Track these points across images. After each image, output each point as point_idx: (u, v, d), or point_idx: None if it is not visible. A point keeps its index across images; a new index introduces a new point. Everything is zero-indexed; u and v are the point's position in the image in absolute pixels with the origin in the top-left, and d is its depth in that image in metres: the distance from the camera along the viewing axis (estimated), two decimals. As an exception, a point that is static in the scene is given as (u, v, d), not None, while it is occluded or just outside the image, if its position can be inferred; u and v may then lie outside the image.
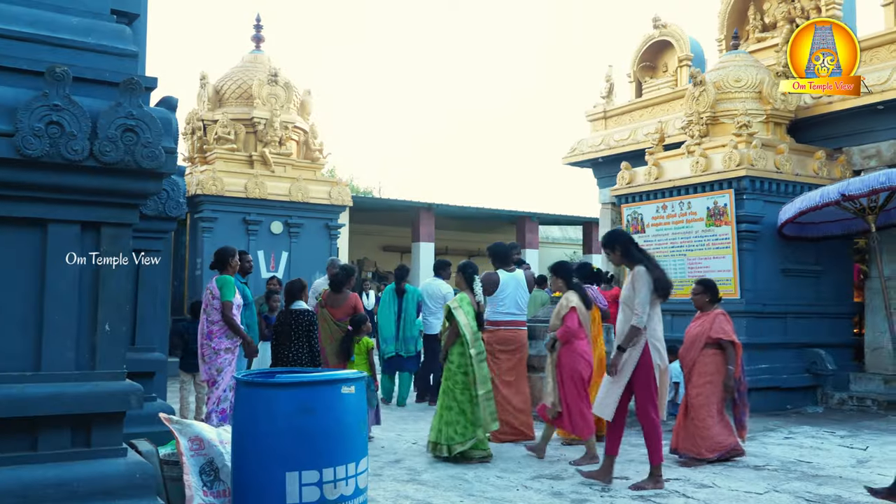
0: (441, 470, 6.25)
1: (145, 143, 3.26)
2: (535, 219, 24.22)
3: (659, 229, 11.01)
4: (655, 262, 6.00)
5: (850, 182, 9.25)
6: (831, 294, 10.73)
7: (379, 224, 23.51)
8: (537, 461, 6.68)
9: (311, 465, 3.72)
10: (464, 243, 25.58)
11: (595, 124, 14.95)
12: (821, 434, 8.27)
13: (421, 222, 21.51)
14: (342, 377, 3.97)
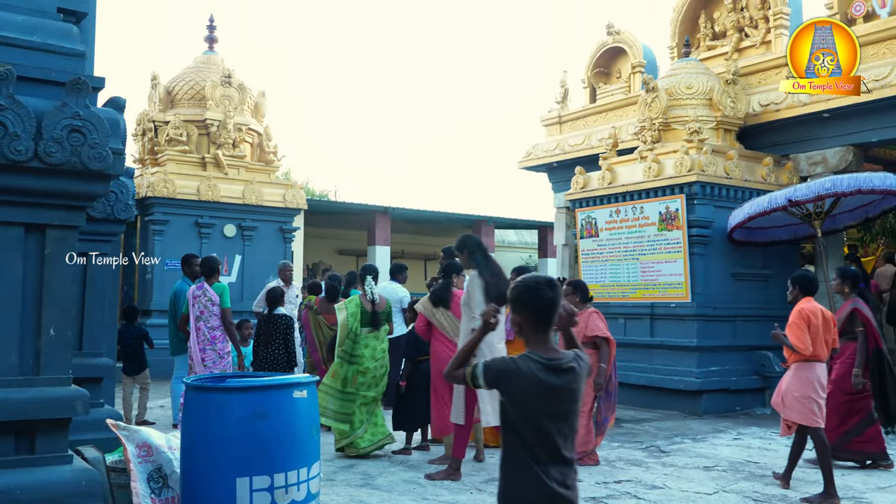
0: (395, 474, 6.24)
1: (92, 143, 3.20)
2: (490, 223, 24.31)
3: (612, 233, 11.14)
4: (493, 269, 6.16)
5: (797, 188, 9.48)
6: (779, 297, 10.88)
7: (334, 227, 23.37)
8: (492, 465, 6.68)
9: (262, 470, 3.68)
10: (420, 247, 25.55)
11: (550, 129, 15.07)
12: (768, 435, 8.43)
13: (377, 226, 21.44)
14: (294, 381, 3.94)
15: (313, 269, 22.63)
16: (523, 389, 2.62)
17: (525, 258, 28.66)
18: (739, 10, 12.24)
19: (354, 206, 21.69)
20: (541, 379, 2.62)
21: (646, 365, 10.60)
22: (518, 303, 2.75)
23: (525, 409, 2.63)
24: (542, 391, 2.62)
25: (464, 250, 6.23)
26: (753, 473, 6.52)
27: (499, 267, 6.25)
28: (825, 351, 5.99)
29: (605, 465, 6.73)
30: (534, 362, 2.63)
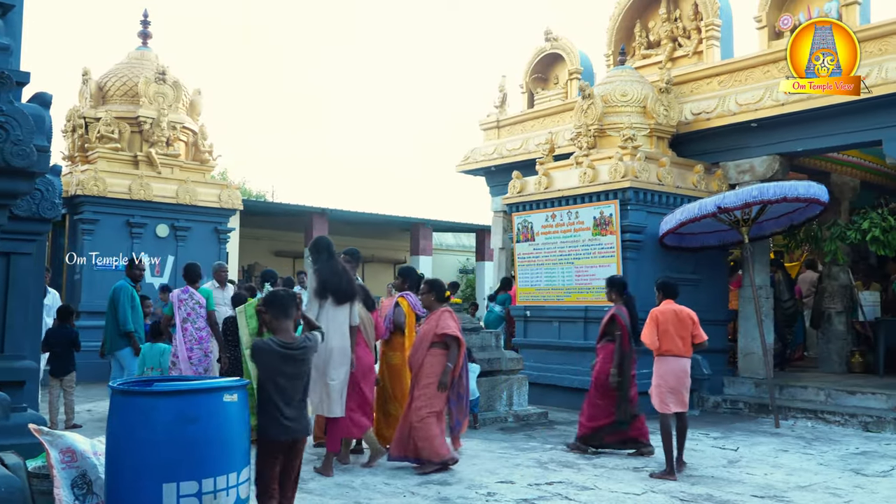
0: (328, 478, 6.20)
1: (15, 140, 3.11)
2: (429, 225, 24.34)
3: (548, 238, 11.27)
4: (333, 268, 6.40)
5: (726, 195, 9.74)
6: (708, 302, 11.21)
7: (271, 229, 23.10)
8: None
9: (189, 475, 3.62)
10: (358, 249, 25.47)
11: (488, 133, 15.18)
12: (696, 436, 8.63)
13: (314, 227, 21.25)
14: (224, 385, 3.89)
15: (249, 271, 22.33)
16: (268, 361, 4.35)
17: (463, 261, 28.81)
18: (673, 20, 12.53)
19: (292, 207, 21.48)
20: (279, 354, 4.34)
21: (579, 367, 10.74)
22: (267, 305, 4.60)
23: (269, 373, 4.34)
24: (279, 362, 4.34)
25: (312, 251, 6.52)
26: (682, 474, 6.66)
27: (343, 267, 6.52)
28: (679, 346, 6.74)
29: (536, 467, 6.81)
30: (276, 344, 4.36)
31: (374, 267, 25.91)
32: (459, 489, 5.94)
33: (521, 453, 7.44)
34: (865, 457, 7.57)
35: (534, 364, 11.04)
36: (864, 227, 10.75)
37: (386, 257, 26.39)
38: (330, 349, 6.21)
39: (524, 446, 7.85)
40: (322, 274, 6.33)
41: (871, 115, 9.79)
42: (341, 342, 6.35)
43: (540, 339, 11.41)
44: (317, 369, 6.04)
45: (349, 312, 6.45)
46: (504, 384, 9.48)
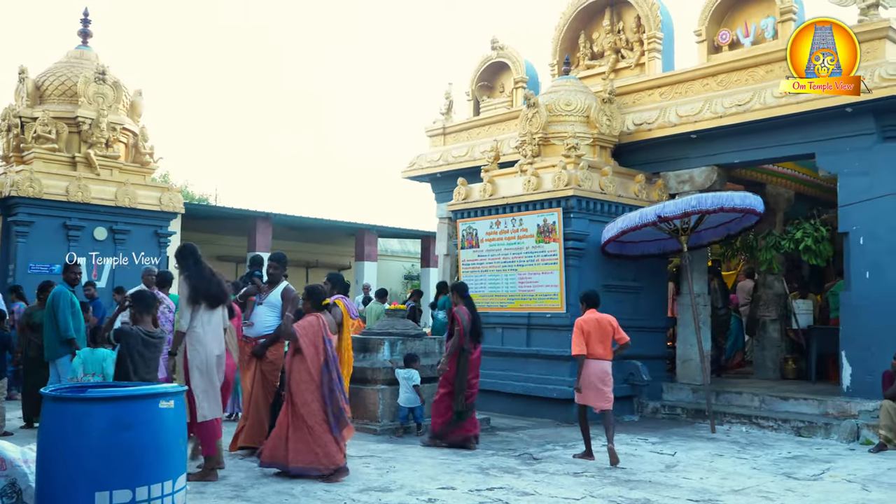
0: (267, 485, 6.13)
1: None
2: (374, 231, 24.30)
3: (492, 244, 11.35)
4: (202, 273, 6.50)
5: (666, 205, 9.95)
6: (648, 309, 11.44)
7: (213, 233, 22.79)
8: (364, 475, 6.67)
9: (123, 483, 3.56)
10: (302, 254, 25.24)
11: (434, 140, 15.22)
12: (635, 441, 8.77)
13: (258, 232, 21.06)
14: (161, 391, 3.84)
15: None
16: (133, 343, 5.75)
17: (408, 267, 28.80)
18: (617, 32, 12.75)
19: (235, 211, 21.24)
20: (141, 339, 5.79)
21: (522, 374, 10.84)
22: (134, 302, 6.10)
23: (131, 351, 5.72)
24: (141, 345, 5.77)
25: (178, 259, 6.62)
26: (619, 479, 6.77)
27: (210, 271, 6.59)
28: (602, 350, 7.64)
29: (478, 473, 6.84)
30: (140, 332, 5.81)
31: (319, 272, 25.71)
32: (401, 495, 5.93)
33: (462, 459, 7.47)
34: (797, 461, 7.79)
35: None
36: (797, 237, 11.09)
37: (330, 263, 26.22)
38: (210, 355, 6.33)
39: (466, 452, 7.88)
40: (192, 280, 6.40)
41: (804, 129, 10.11)
42: (219, 348, 6.47)
43: (483, 345, 11.43)
44: (202, 374, 6.23)
45: (222, 316, 6.60)
46: (447, 390, 9.48)
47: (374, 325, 10.36)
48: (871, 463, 7.72)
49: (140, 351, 5.75)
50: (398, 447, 8.01)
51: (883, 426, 8.50)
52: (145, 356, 5.79)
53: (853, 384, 9.62)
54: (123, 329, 5.86)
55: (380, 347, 9.31)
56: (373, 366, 9.07)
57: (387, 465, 7.09)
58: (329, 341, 6.56)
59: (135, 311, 5.99)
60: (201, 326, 6.30)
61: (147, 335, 5.85)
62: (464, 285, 8.69)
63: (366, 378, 9.00)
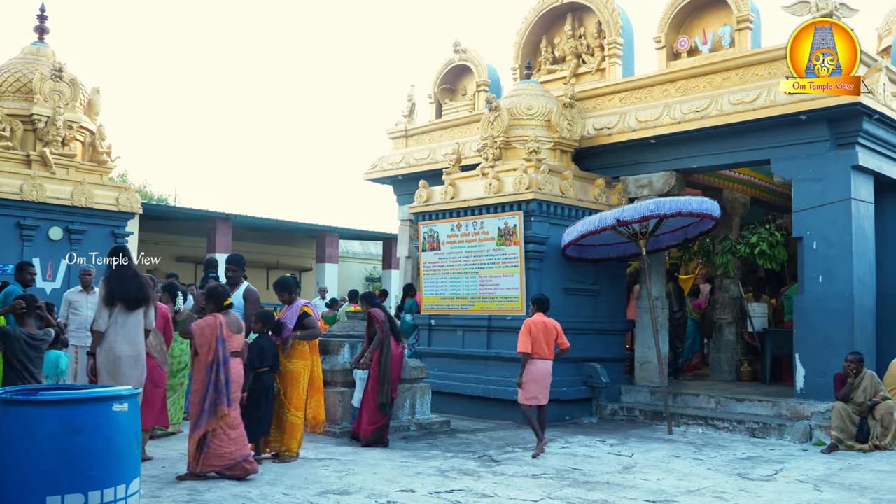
0: (224, 489, 6.07)
1: None
2: (335, 233, 24.17)
3: (454, 247, 11.37)
4: (121, 274, 6.59)
5: (625, 209, 10.05)
6: (607, 312, 11.54)
7: (173, 233, 22.50)
8: (325, 477, 6.64)
9: (75, 488, 3.51)
10: (263, 256, 25.03)
11: (396, 142, 15.21)
12: (594, 443, 8.85)
13: (217, 233, 20.82)
14: (114, 394, 3.77)
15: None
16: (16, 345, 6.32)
17: (369, 269, 28.72)
18: (578, 37, 12.86)
19: (194, 211, 20.97)
20: (26, 341, 6.39)
21: (482, 376, 10.87)
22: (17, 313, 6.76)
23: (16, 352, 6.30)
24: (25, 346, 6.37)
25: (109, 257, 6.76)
26: (577, 480, 6.82)
27: (134, 273, 6.66)
28: (547, 351, 8.16)
29: (437, 476, 6.85)
30: (22, 334, 6.41)
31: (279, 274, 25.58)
32: (360, 498, 5.92)
33: (422, 462, 7.47)
34: (751, 462, 7.92)
35: (438, 372, 11.09)
36: (752, 242, 11.27)
37: (291, 264, 26.06)
38: (117, 356, 6.39)
39: (426, 455, 7.88)
40: (110, 281, 6.51)
41: (760, 136, 10.29)
42: (132, 349, 6.47)
43: (444, 347, 11.49)
44: (109, 375, 6.32)
45: (142, 317, 6.61)
46: (407, 393, 9.49)
47: (335, 328, 10.31)
48: (823, 463, 7.88)
49: (25, 350, 6.36)
50: (358, 449, 7.99)
51: (835, 427, 8.69)
52: (29, 355, 6.39)
53: (806, 386, 9.81)
54: (7, 329, 6.43)
55: (340, 350, 9.28)
56: (332, 368, 9.04)
57: (346, 467, 7.06)
58: (223, 341, 6.48)
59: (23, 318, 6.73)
60: (113, 327, 6.42)
61: (29, 336, 6.47)
62: (371, 294, 8.98)
63: (326, 380, 8.94)
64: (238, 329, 6.74)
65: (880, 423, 8.66)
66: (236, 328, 6.72)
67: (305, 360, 7.48)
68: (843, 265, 9.66)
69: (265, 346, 7.28)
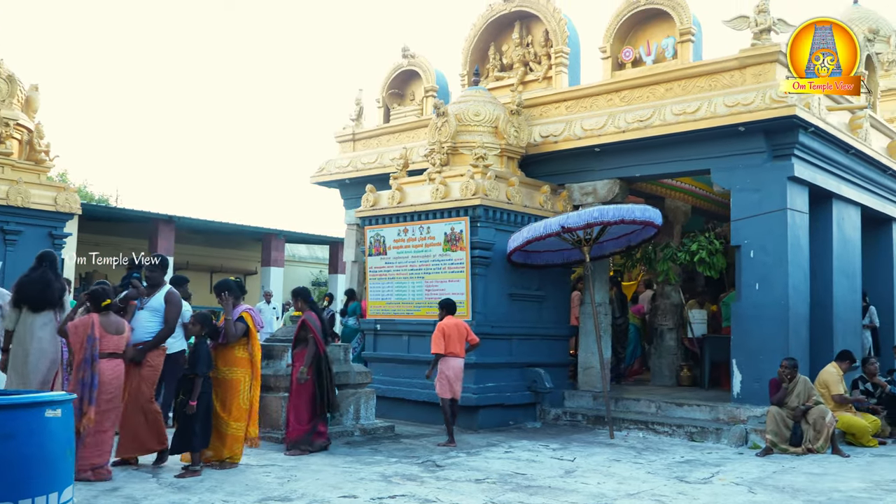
0: (162, 497, 5.96)
1: None
2: (281, 236, 23.97)
3: (400, 252, 11.36)
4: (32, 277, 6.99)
5: (570, 216, 10.18)
6: (551, 318, 11.66)
7: (113, 235, 22.03)
8: (266, 483, 6.58)
9: (5, 496, 3.42)
10: (206, 259, 24.68)
11: (344, 146, 15.15)
12: (537, 448, 8.93)
13: (160, 235, 20.48)
14: (47, 399, 3.69)
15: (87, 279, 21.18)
16: None
17: (316, 273, 28.54)
18: (525, 45, 12.99)
19: (135, 213, 20.59)
20: None
21: (427, 381, 10.85)
22: None
23: None
24: None
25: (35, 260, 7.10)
26: (520, 485, 6.88)
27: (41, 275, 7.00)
28: (459, 349, 9.10)
29: (380, 481, 6.83)
30: None
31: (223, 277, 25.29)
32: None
33: (365, 467, 7.44)
34: (689, 465, 8.08)
35: (383, 378, 11.07)
36: (692, 250, 11.52)
37: (236, 268, 25.74)
38: (25, 354, 6.71)
39: (369, 460, 7.86)
40: (19, 284, 6.93)
41: (700, 146, 10.53)
42: (38, 345, 6.81)
43: (390, 352, 11.47)
44: (17, 373, 6.60)
45: (52, 319, 6.89)
46: (352, 398, 9.46)
47: (279, 332, 10.22)
48: (757, 466, 8.08)
49: None
50: (301, 455, 7.92)
51: (769, 431, 8.92)
52: None
53: (743, 391, 10.05)
54: None
55: (284, 355, 9.20)
56: (276, 373, 8.95)
57: (288, 473, 7.00)
58: (92, 340, 6.39)
59: None
60: (22, 328, 6.76)
61: None
62: (306, 290, 8.76)
63: (269, 385, 8.86)
64: (116, 330, 6.60)
65: (813, 426, 8.92)
66: (114, 329, 6.58)
67: (245, 369, 7.28)
68: (779, 273, 9.93)
69: (197, 351, 6.98)
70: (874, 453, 9.13)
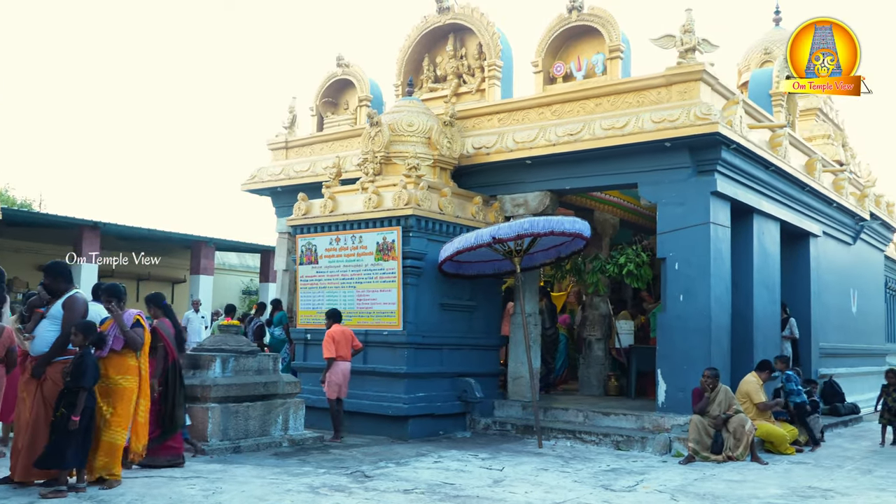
0: None
1: None
2: (211, 244, 23.56)
3: (332, 261, 11.31)
4: None
5: (501, 227, 10.29)
6: (482, 327, 11.75)
7: (35, 241, 21.32)
8: (191, 497, 6.45)
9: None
10: (133, 266, 24.06)
11: (276, 153, 15.01)
12: (466, 457, 8.97)
13: (84, 241, 19.89)
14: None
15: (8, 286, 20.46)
16: None
17: (246, 282, 28.13)
18: (459, 57, 13.10)
19: (59, 218, 19.98)
20: None
21: (358, 391, 10.82)
22: None
23: None
24: None
25: None
26: (448, 494, 6.90)
27: None
28: (347, 353, 9.99)
29: (308, 493, 6.77)
30: None
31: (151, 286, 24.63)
32: (225, 517, 5.78)
33: (293, 479, 7.36)
34: (615, 473, 8.23)
35: (313, 388, 10.97)
36: (620, 262, 11.76)
37: (164, 276, 25.18)
38: None
39: (297, 471, 7.78)
40: None
41: (628, 160, 10.77)
42: None
43: (320, 362, 11.34)
44: None
45: None
46: (280, 408, 9.36)
47: (206, 341, 10.05)
48: (680, 474, 8.28)
49: None
50: (227, 467, 7.79)
51: (692, 439, 9.15)
52: None
53: (667, 400, 10.28)
54: None
55: (211, 364, 9.05)
56: (203, 383, 8.80)
57: (213, 485, 6.88)
58: None
59: None
60: None
61: None
62: (159, 295, 8.30)
63: (196, 396, 8.71)
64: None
65: (733, 435, 9.19)
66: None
67: (136, 377, 6.88)
68: (702, 285, 10.21)
69: (81, 362, 6.46)
70: (791, 461, 9.45)
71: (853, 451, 10.34)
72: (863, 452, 10.16)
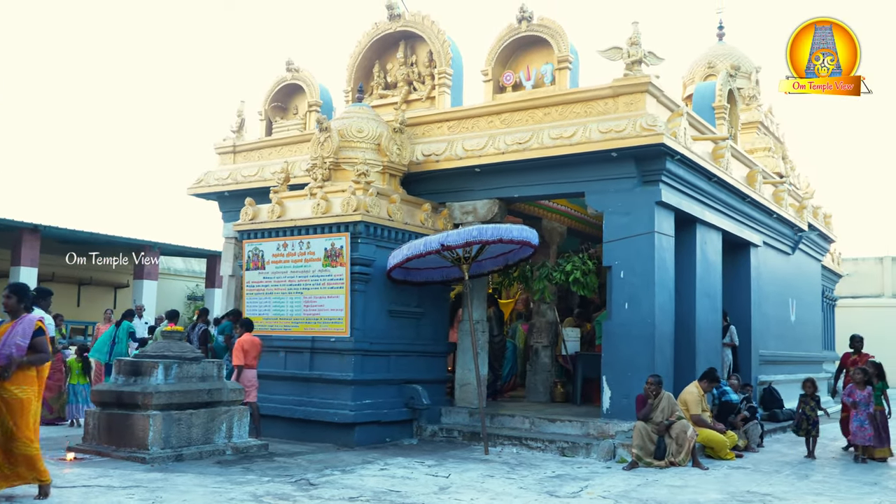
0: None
1: None
2: (156, 248, 23.17)
3: (279, 266, 11.21)
4: None
5: (450, 234, 10.32)
6: (430, 334, 11.75)
7: (-29, 244, 20.74)
8: (131, 505, 6.33)
9: None
10: (75, 271, 23.54)
11: (224, 158, 14.83)
12: (412, 464, 8.96)
13: (24, 244, 19.42)
14: None
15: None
16: None
17: (192, 287, 27.71)
18: (410, 65, 13.11)
19: (-3, 220, 19.44)
20: None
21: (304, 398, 10.75)
22: None
23: None
24: None
25: None
26: (394, 502, 6.88)
27: None
28: (255, 362, 10.35)
29: (251, 501, 6.69)
30: None
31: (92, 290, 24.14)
32: (166, 527, 5.68)
33: (236, 487, 7.27)
34: (560, 479, 8.29)
35: (258, 395, 10.83)
36: (567, 270, 11.90)
37: (106, 280, 24.68)
38: None
39: (240, 480, 7.68)
40: None
41: (576, 169, 10.90)
42: None
43: (265, 369, 11.21)
44: None
45: None
46: (224, 416, 9.22)
47: (149, 347, 9.87)
48: (623, 480, 8.38)
49: None
50: (168, 476, 7.65)
51: (635, 446, 9.27)
52: None
53: (612, 407, 10.41)
54: None
55: (153, 371, 8.89)
56: (144, 390, 8.63)
57: (153, 495, 6.75)
58: None
59: None
60: None
61: None
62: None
63: (136, 403, 8.54)
64: None
65: (675, 440, 9.35)
66: None
67: (33, 386, 6.49)
68: (646, 293, 10.38)
69: None
70: (731, 466, 9.64)
71: (791, 456, 10.60)
72: (801, 458, 10.41)
